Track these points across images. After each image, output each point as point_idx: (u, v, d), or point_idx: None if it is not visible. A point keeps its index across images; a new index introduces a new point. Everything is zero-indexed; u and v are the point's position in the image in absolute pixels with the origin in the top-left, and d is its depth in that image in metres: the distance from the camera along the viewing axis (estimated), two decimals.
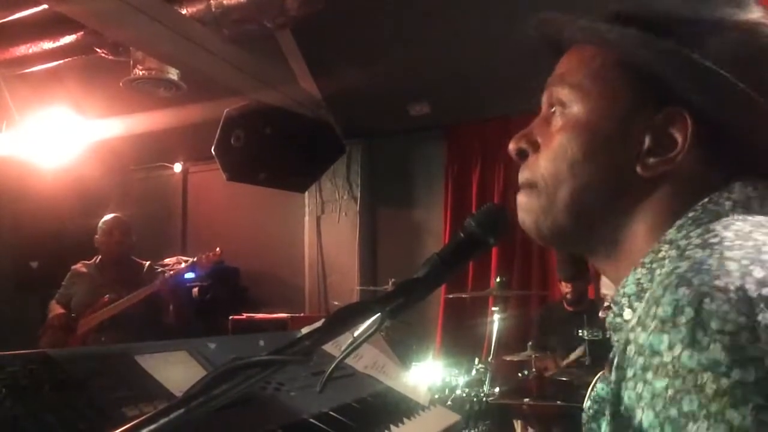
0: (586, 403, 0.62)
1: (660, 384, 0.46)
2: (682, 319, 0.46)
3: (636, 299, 0.59)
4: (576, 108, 0.65)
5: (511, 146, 0.70)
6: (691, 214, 0.58)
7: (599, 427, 0.57)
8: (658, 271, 0.57)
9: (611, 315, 0.63)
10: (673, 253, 0.56)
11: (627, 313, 0.60)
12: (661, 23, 0.60)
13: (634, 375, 0.48)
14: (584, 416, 0.61)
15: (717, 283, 0.47)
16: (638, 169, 0.61)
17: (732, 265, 0.48)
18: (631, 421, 0.48)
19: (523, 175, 0.69)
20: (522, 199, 0.69)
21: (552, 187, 0.65)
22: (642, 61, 0.60)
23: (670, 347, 0.46)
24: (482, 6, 3.16)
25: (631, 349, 0.49)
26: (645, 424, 0.46)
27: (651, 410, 0.46)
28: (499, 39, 3.26)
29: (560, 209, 0.65)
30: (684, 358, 0.45)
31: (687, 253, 0.54)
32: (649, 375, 0.47)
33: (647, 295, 0.53)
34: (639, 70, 0.61)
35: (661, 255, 0.58)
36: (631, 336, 0.50)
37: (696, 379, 0.44)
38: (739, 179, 0.60)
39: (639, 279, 0.59)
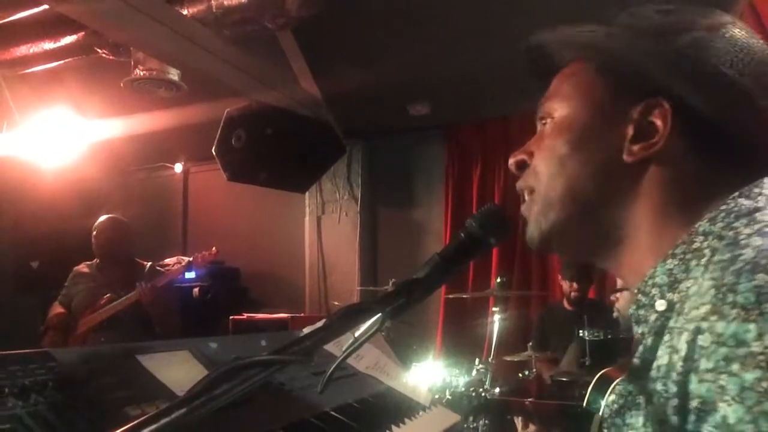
0: (610, 398, 0.61)
1: (750, 376, 0.43)
2: None
3: (669, 290, 0.59)
4: (561, 113, 0.70)
5: (511, 161, 0.74)
6: (723, 207, 0.59)
7: (624, 422, 0.57)
8: (695, 262, 0.57)
9: (634, 306, 0.63)
10: (717, 243, 0.56)
11: (660, 304, 0.59)
12: (637, 29, 0.66)
13: (715, 367, 0.46)
14: (607, 410, 0.60)
15: None
16: (624, 156, 0.64)
17: None
18: (708, 416, 0.46)
19: (523, 182, 0.72)
20: (524, 208, 0.72)
21: (547, 185, 0.69)
22: (620, 56, 0.65)
23: (760, 336, 0.44)
24: (482, 6, 3.16)
25: (705, 338, 0.47)
26: (732, 419, 0.44)
27: (739, 405, 0.44)
28: (499, 39, 3.26)
29: (557, 204, 0.68)
30: None
31: (743, 241, 0.53)
32: (735, 366, 0.44)
33: (709, 283, 0.51)
34: (617, 71, 0.66)
35: (695, 246, 0.58)
36: (704, 325, 0.48)
37: None
38: (759, 174, 0.61)
39: (671, 270, 0.59)
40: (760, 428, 0.42)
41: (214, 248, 3.72)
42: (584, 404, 2.36)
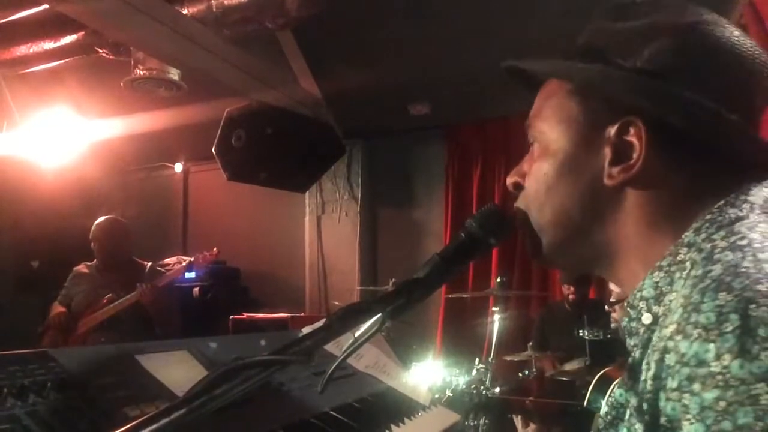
0: (603, 409, 0.61)
1: (710, 396, 0.44)
2: (728, 327, 0.45)
3: (655, 302, 0.59)
4: (546, 137, 0.70)
5: (508, 181, 0.76)
6: (708, 216, 0.59)
7: None
8: (678, 274, 0.57)
9: (626, 319, 0.63)
10: (696, 256, 0.56)
11: (646, 318, 0.60)
12: (599, 48, 0.66)
13: (679, 386, 0.47)
14: (600, 422, 0.61)
15: (759, 287, 0.46)
16: (605, 179, 0.65)
17: None
18: None
19: (519, 204, 0.74)
20: (519, 228, 0.74)
21: (536, 210, 0.71)
22: (589, 86, 0.67)
23: (718, 357, 0.44)
24: (482, 6, 3.16)
25: (671, 358, 0.48)
26: None
27: (700, 424, 0.44)
28: (499, 39, 3.26)
29: (548, 229, 0.70)
30: (734, 369, 0.43)
31: (716, 256, 0.53)
32: (696, 386, 0.45)
33: (680, 300, 0.52)
34: (588, 94, 0.67)
35: (679, 258, 0.58)
36: (670, 344, 0.49)
37: (749, 390, 0.42)
38: (749, 181, 0.61)
39: (657, 282, 0.59)
40: None
41: (215, 249, 3.73)
42: (585, 404, 2.36)
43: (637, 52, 0.63)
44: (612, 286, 2.27)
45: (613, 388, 0.62)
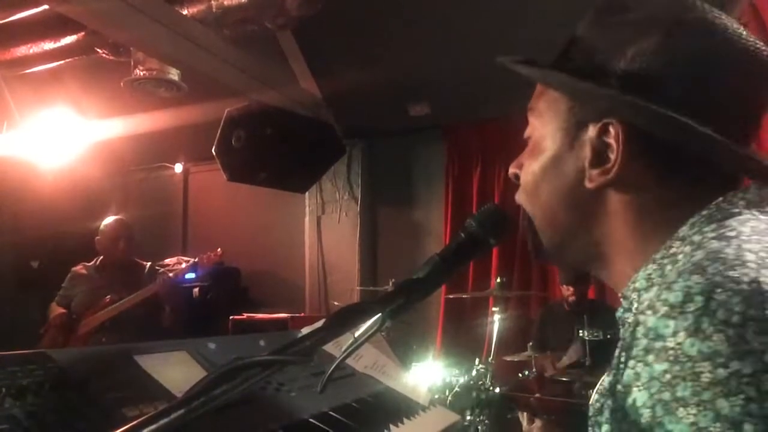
0: (594, 397, 0.62)
1: (659, 367, 0.47)
2: (691, 307, 0.47)
3: (646, 294, 0.60)
4: (538, 133, 0.71)
5: (509, 172, 0.76)
6: (704, 212, 0.59)
7: (604, 420, 0.58)
8: (669, 267, 0.58)
9: (620, 310, 0.64)
10: (687, 248, 0.57)
11: (636, 308, 0.61)
12: (592, 44, 0.66)
13: (636, 355, 0.49)
14: (591, 409, 0.61)
15: (731, 273, 0.48)
16: (586, 182, 0.65)
17: (749, 257, 0.49)
18: (627, 397, 0.49)
19: (517, 197, 0.74)
20: (521, 222, 0.75)
21: (530, 206, 0.72)
22: (568, 92, 0.67)
23: (674, 333, 0.47)
24: (482, 6, 3.16)
25: (639, 330, 0.50)
26: (638, 403, 0.48)
27: (646, 391, 0.47)
28: (498, 39, 3.26)
29: (541, 228, 0.71)
30: (686, 346, 0.46)
31: (704, 244, 0.55)
32: (650, 357, 0.48)
33: (661, 280, 0.54)
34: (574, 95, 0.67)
35: (672, 251, 0.59)
36: (641, 318, 0.51)
37: (694, 367, 0.45)
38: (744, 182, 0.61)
39: (650, 274, 0.60)
40: (655, 413, 0.46)
41: (219, 249, 3.76)
42: (591, 402, 2.35)
43: (622, 52, 0.62)
44: None
45: (600, 384, 0.62)
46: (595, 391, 0.65)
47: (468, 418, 2.83)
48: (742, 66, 0.61)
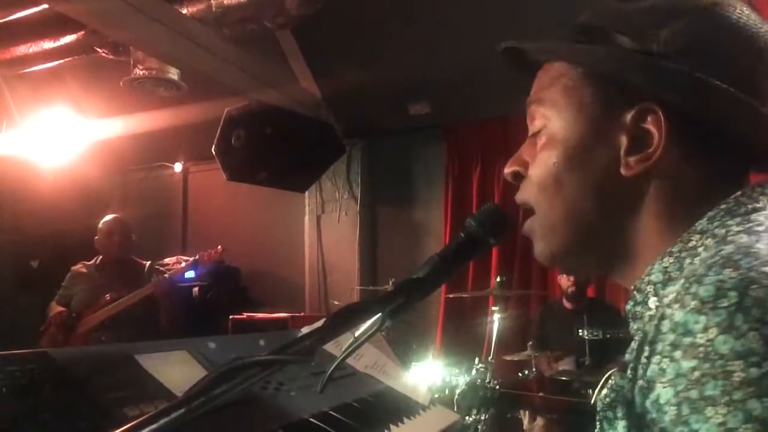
0: (603, 392, 0.61)
1: (687, 364, 0.45)
2: (724, 302, 0.45)
3: (662, 287, 0.58)
4: (553, 124, 0.66)
5: (506, 171, 0.71)
6: (723, 206, 0.58)
7: (615, 415, 0.57)
8: (688, 260, 0.56)
9: (631, 303, 0.62)
10: (710, 241, 0.56)
11: (652, 302, 0.59)
12: (613, 28, 0.62)
13: (662, 350, 0.48)
14: (599, 404, 0.60)
15: (766, 269, 0.46)
16: (622, 170, 0.62)
17: None
18: (649, 393, 0.48)
19: (520, 197, 0.70)
20: (526, 226, 0.70)
21: (547, 206, 0.66)
22: (604, 71, 0.63)
23: (705, 329, 0.45)
24: (482, 6, 3.16)
25: (665, 324, 0.48)
26: (662, 400, 0.46)
27: (671, 388, 0.46)
28: (499, 39, 3.25)
29: (559, 227, 0.66)
30: (718, 343, 0.44)
31: (729, 237, 0.53)
32: (678, 353, 0.46)
33: (685, 272, 0.52)
34: (604, 78, 0.63)
35: (691, 245, 0.57)
36: (667, 312, 0.49)
37: (725, 365, 0.43)
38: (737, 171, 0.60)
39: (666, 267, 0.58)
40: (680, 411, 0.44)
41: (219, 246, 3.75)
42: (592, 402, 2.35)
43: (653, 34, 0.60)
44: None
45: (608, 377, 0.61)
46: (601, 386, 0.64)
47: (471, 418, 2.83)
48: (765, 49, 0.60)
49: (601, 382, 2.38)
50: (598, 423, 0.60)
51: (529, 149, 0.69)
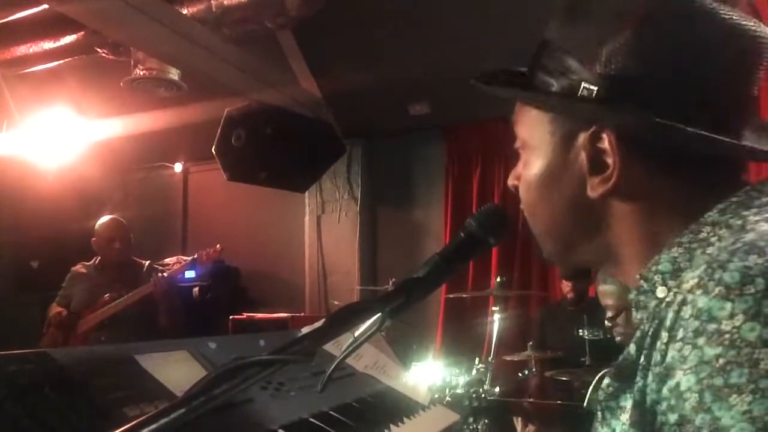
0: (605, 382, 0.60)
1: (711, 351, 0.44)
2: (751, 289, 0.45)
3: (671, 277, 0.58)
4: (530, 144, 0.68)
5: (509, 183, 0.74)
6: (734, 199, 0.57)
7: (618, 405, 0.57)
8: (699, 251, 0.56)
9: (634, 292, 0.62)
10: (724, 232, 0.55)
11: (660, 291, 0.58)
12: (564, 49, 0.62)
13: (684, 337, 0.47)
14: (602, 394, 0.60)
15: None
16: (588, 191, 0.63)
17: None
18: (668, 379, 0.47)
19: (522, 205, 0.73)
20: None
21: (531, 218, 0.70)
22: (552, 110, 0.65)
23: (731, 316, 0.44)
24: (482, 6, 3.16)
25: (686, 310, 0.48)
26: (682, 387, 0.45)
27: (693, 375, 0.45)
28: (498, 39, 3.26)
29: (545, 237, 0.70)
30: (744, 330, 0.43)
31: (749, 226, 0.53)
32: (701, 340, 0.45)
33: (706, 258, 0.51)
34: None
35: (702, 236, 0.57)
36: (689, 297, 0.48)
37: (753, 352, 0.43)
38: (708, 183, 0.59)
39: (675, 257, 0.58)
40: (702, 398, 0.44)
41: (218, 245, 3.74)
42: (585, 404, 2.35)
43: (595, 54, 0.58)
44: (605, 298, 2.24)
45: (611, 368, 0.61)
46: (593, 388, 0.64)
47: (464, 426, 2.83)
48: (727, 47, 0.57)
49: (592, 384, 2.38)
50: (599, 413, 0.59)
51: (521, 164, 0.72)
